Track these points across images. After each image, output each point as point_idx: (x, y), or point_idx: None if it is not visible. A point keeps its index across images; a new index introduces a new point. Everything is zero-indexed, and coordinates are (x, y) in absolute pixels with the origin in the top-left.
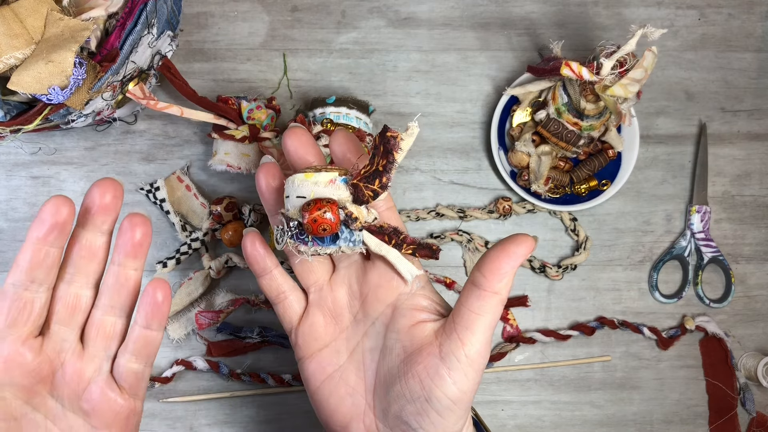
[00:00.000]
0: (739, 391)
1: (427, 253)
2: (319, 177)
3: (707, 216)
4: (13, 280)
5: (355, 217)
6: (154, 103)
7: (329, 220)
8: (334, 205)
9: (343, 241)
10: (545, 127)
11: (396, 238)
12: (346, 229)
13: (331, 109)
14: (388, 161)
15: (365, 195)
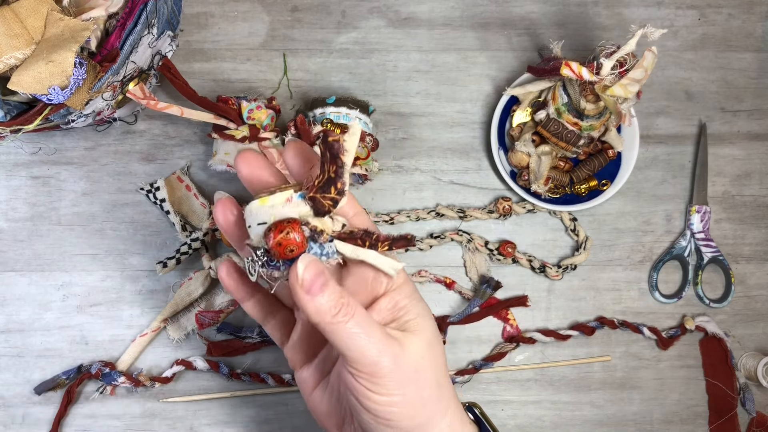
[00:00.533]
0: (739, 391)
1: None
2: (274, 199)
3: (707, 216)
4: None
5: (321, 230)
6: (154, 103)
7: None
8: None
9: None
10: (545, 127)
11: (369, 239)
12: (314, 244)
13: (331, 109)
14: (337, 166)
15: (325, 205)
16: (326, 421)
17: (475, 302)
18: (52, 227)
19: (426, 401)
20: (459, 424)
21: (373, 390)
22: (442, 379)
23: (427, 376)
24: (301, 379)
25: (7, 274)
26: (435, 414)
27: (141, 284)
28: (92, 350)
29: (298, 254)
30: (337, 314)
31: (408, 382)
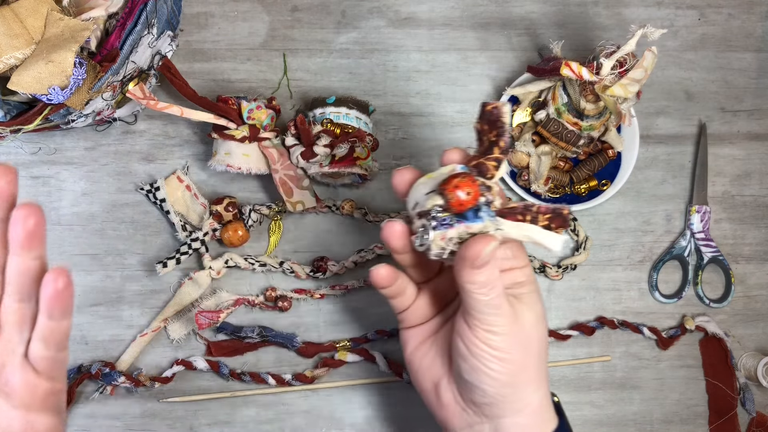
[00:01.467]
0: (739, 391)
1: (560, 222)
2: (439, 171)
3: (707, 216)
4: None
5: (489, 186)
6: (154, 103)
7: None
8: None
9: (486, 215)
10: (545, 127)
11: (529, 213)
12: (484, 207)
13: (331, 109)
14: (498, 128)
15: (488, 167)
16: (424, 376)
17: None
18: (52, 227)
19: (527, 367)
20: (547, 404)
21: (488, 344)
22: (544, 354)
23: (534, 345)
24: (408, 336)
25: None
26: (531, 382)
27: (141, 284)
28: (92, 350)
29: (473, 202)
30: (485, 287)
31: (517, 345)
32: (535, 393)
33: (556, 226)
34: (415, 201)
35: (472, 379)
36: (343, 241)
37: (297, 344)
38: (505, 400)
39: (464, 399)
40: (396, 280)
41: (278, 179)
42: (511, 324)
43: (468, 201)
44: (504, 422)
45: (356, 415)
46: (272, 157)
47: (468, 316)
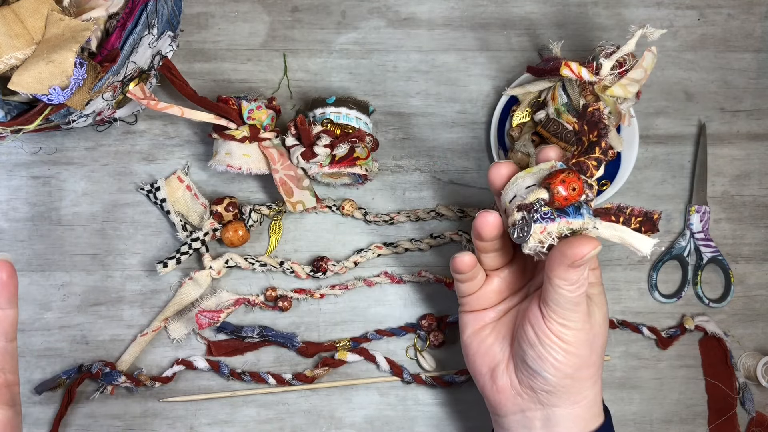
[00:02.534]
0: (738, 391)
1: (650, 226)
2: (540, 167)
3: (706, 216)
4: None
5: (591, 184)
6: (154, 104)
7: (574, 177)
8: (574, 171)
9: (587, 212)
10: (545, 127)
11: (622, 215)
12: (585, 204)
13: (331, 109)
14: (599, 129)
15: (589, 166)
16: (482, 360)
17: None
18: (52, 227)
19: (591, 363)
20: (599, 399)
21: (559, 336)
22: (603, 353)
23: (599, 344)
24: (469, 319)
25: None
26: (590, 378)
27: (141, 284)
28: (92, 350)
29: (576, 199)
30: (574, 285)
31: (586, 342)
32: (591, 388)
33: (646, 230)
34: (513, 194)
35: (537, 367)
36: (343, 241)
37: (297, 344)
38: (564, 390)
39: (522, 384)
40: (475, 266)
41: (278, 179)
42: (585, 321)
43: (572, 197)
44: (558, 411)
45: (356, 415)
46: (272, 157)
47: (546, 307)
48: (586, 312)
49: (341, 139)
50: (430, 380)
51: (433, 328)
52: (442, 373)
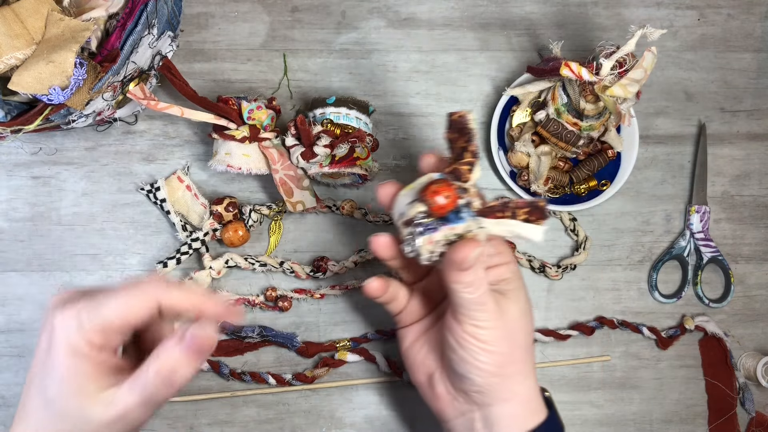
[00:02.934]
0: (738, 391)
1: (539, 215)
2: (418, 181)
3: (706, 216)
4: None
5: (465, 188)
6: (154, 104)
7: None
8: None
9: (468, 215)
10: (545, 128)
11: (508, 210)
12: (464, 208)
13: (331, 109)
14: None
15: (463, 171)
16: (419, 370)
17: None
18: (52, 227)
19: (513, 358)
20: (535, 395)
21: (476, 337)
22: (530, 347)
23: (519, 338)
24: (404, 333)
25: (7, 274)
26: (517, 373)
27: None
28: None
29: (452, 206)
30: (471, 286)
31: (503, 338)
32: (521, 384)
33: (535, 219)
34: (399, 212)
35: (462, 370)
36: (343, 241)
37: (297, 344)
38: (492, 389)
39: (455, 389)
40: (387, 288)
41: (278, 179)
42: (496, 319)
43: (447, 204)
44: (493, 410)
45: (356, 415)
46: (272, 157)
47: (456, 312)
48: (496, 309)
49: (341, 139)
50: None
51: None
52: None
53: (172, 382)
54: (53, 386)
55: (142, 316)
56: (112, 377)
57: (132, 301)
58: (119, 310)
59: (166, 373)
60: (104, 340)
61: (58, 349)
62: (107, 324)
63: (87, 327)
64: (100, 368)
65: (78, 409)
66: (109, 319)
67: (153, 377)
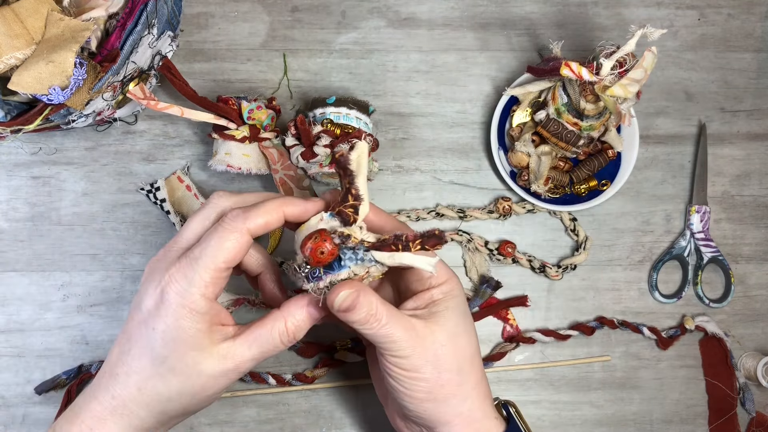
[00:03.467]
0: (738, 391)
1: (435, 242)
2: (309, 223)
3: (707, 216)
4: None
5: (348, 234)
6: (154, 104)
7: (325, 245)
8: (323, 232)
9: (350, 261)
10: (545, 128)
11: (400, 242)
12: (348, 251)
13: (331, 109)
14: (348, 176)
15: (348, 214)
16: (379, 392)
17: (475, 302)
18: (52, 227)
19: (444, 383)
20: (481, 415)
21: (399, 366)
22: (466, 367)
23: (447, 361)
24: (368, 353)
25: (7, 274)
26: (454, 396)
27: None
28: (92, 350)
29: (331, 258)
30: (367, 323)
31: (427, 364)
32: (460, 405)
33: (431, 246)
34: (296, 251)
35: (396, 397)
36: None
37: (297, 344)
38: (428, 414)
39: (402, 417)
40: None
41: (278, 179)
42: (414, 346)
43: (325, 258)
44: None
45: (356, 415)
46: (272, 157)
47: (374, 345)
48: (412, 337)
49: (341, 139)
50: None
51: None
52: None
53: (294, 340)
54: (165, 345)
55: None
56: (222, 329)
57: (228, 244)
58: (221, 255)
59: (293, 333)
60: (216, 290)
61: (169, 308)
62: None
63: (199, 282)
64: (213, 322)
65: (192, 365)
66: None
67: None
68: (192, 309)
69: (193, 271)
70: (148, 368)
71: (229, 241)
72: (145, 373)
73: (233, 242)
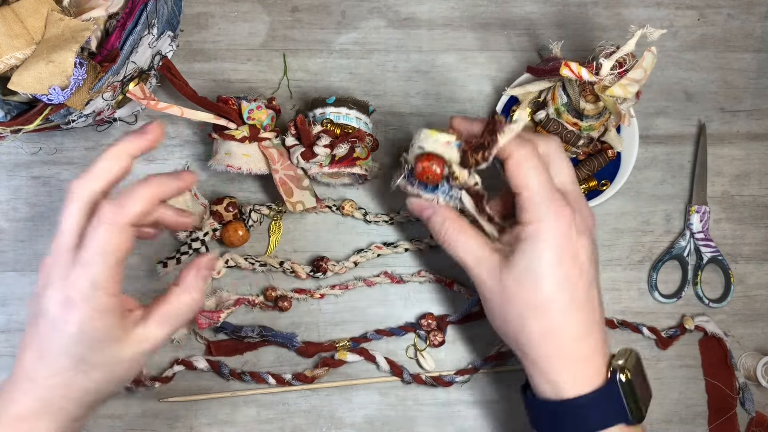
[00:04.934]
0: (738, 391)
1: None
2: (440, 136)
3: (706, 216)
4: None
5: (456, 177)
6: (154, 104)
7: (434, 171)
8: (441, 161)
9: (441, 193)
10: (545, 127)
11: (482, 204)
12: (446, 183)
13: (331, 109)
14: (492, 139)
15: (470, 162)
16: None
17: (475, 301)
18: (52, 227)
19: (509, 320)
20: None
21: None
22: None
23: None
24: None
25: (7, 274)
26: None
27: (141, 284)
28: None
29: (433, 183)
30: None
31: (493, 296)
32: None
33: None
34: (413, 143)
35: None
36: (343, 241)
37: (297, 344)
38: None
39: None
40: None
41: (278, 179)
42: (483, 278)
43: (428, 181)
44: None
45: (356, 415)
46: (272, 157)
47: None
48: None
49: (341, 139)
50: (430, 380)
51: (433, 327)
52: (442, 373)
53: (198, 308)
54: (82, 345)
55: (131, 243)
56: (131, 315)
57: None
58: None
59: (199, 300)
60: (118, 283)
61: (79, 312)
62: (113, 271)
63: (101, 284)
64: (122, 312)
65: (112, 356)
66: (112, 265)
67: (185, 307)
68: (100, 309)
69: (92, 276)
70: (70, 368)
71: (114, 240)
72: (69, 374)
73: (118, 239)
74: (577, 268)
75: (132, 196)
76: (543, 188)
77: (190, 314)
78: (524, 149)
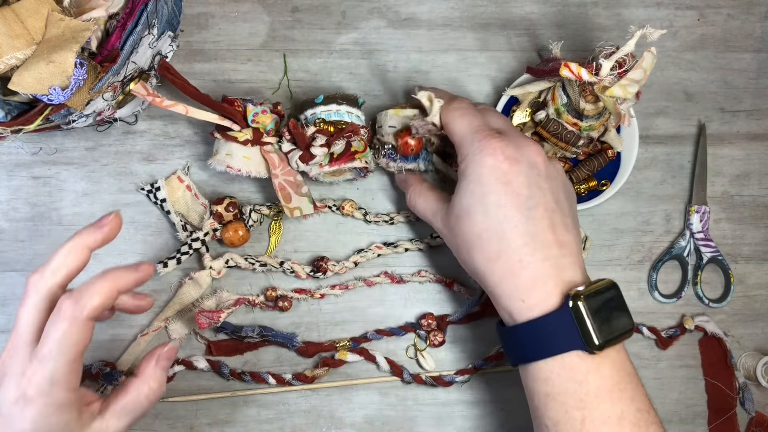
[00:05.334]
0: (738, 391)
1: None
2: (405, 112)
3: (706, 216)
4: None
5: (432, 142)
6: (159, 101)
7: (416, 144)
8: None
9: (422, 161)
10: (545, 128)
11: (449, 161)
12: (425, 150)
13: (321, 108)
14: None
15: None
16: None
17: (475, 301)
18: (52, 227)
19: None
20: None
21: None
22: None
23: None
24: None
25: (7, 274)
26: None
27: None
28: (92, 350)
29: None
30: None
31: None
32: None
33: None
34: (379, 124)
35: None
36: (343, 241)
37: (297, 344)
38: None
39: None
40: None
41: (277, 184)
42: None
43: (412, 153)
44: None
45: (356, 415)
46: (273, 161)
47: None
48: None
49: (336, 136)
50: (430, 380)
51: (433, 327)
52: (442, 373)
53: (158, 398)
54: None
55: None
56: (88, 409)
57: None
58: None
59: (159, 390)
60: (77, 377)
61: (35, 407)
62: (72, 366)
63: (59, 379)
64: (79, 405)
65: None
66: (70, 361)
67: (144, 399)
68: (58, 405)
69: (50, 371)
70: None
71: (73, 335)
72: None
73: (78, 334)
74: (511, 195)
75: (90, 291)
76: (469, 127)
77: (149, 405)
78: (454, 102)
